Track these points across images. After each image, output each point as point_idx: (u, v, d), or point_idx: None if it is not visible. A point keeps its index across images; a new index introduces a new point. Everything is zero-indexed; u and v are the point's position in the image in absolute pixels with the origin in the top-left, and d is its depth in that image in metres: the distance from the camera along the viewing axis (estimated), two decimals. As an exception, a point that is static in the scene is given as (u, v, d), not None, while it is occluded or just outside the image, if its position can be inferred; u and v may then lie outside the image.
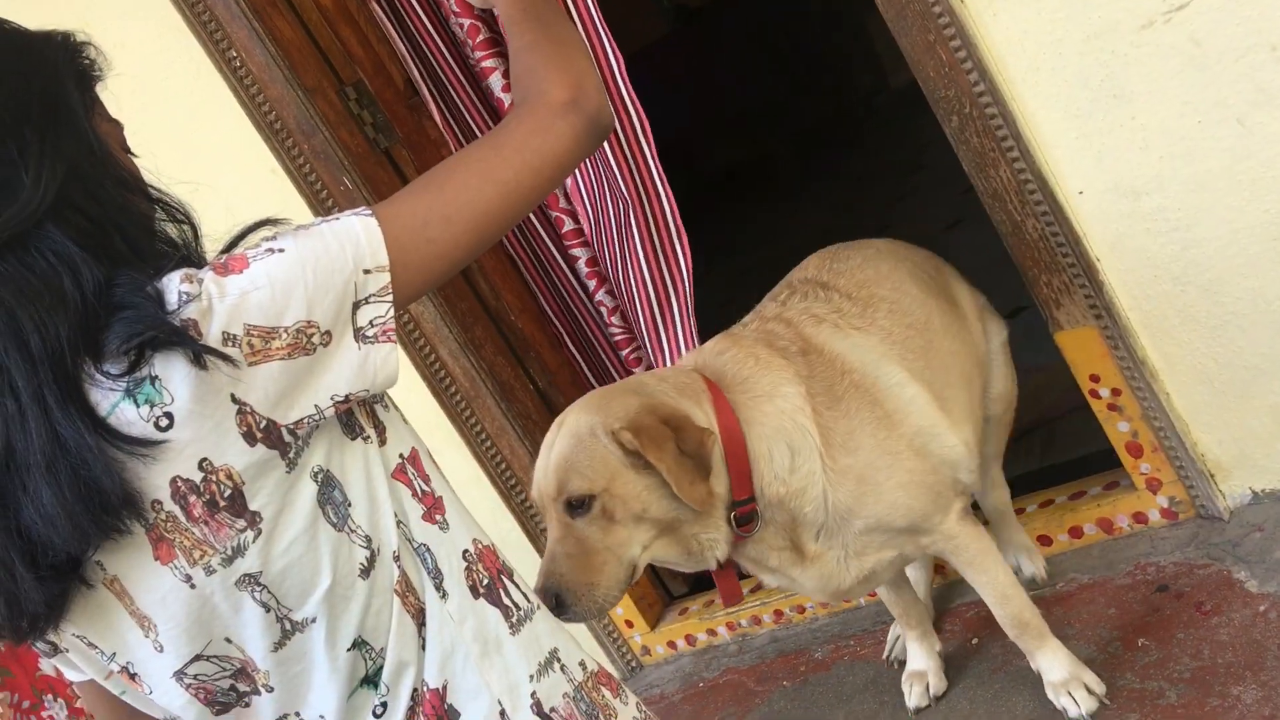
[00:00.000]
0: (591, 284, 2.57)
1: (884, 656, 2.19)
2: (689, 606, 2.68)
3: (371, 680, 1.15)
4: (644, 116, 2.21)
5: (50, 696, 2.44)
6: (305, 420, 1.08)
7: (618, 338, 2.62)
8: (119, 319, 1.04)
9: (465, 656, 1.15)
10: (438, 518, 1.18)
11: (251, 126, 2.34)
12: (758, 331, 1.82)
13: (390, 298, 1.09)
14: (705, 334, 2.35)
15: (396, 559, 1.14)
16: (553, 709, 1.16)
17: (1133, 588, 1.99)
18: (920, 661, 2.04)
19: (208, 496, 1.06)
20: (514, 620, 1.18)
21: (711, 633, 2.60)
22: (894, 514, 1.70)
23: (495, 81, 2.39)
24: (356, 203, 2.36)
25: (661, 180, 2.27)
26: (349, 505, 1.12)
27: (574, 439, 1.59)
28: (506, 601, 1.18)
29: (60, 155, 1.09)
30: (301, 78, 2.32)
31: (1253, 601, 1.81)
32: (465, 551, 1.18)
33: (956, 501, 1.77)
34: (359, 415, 1.14)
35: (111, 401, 1.02)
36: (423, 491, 1.18)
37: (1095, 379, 1.98)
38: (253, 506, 1.08)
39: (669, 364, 2.43)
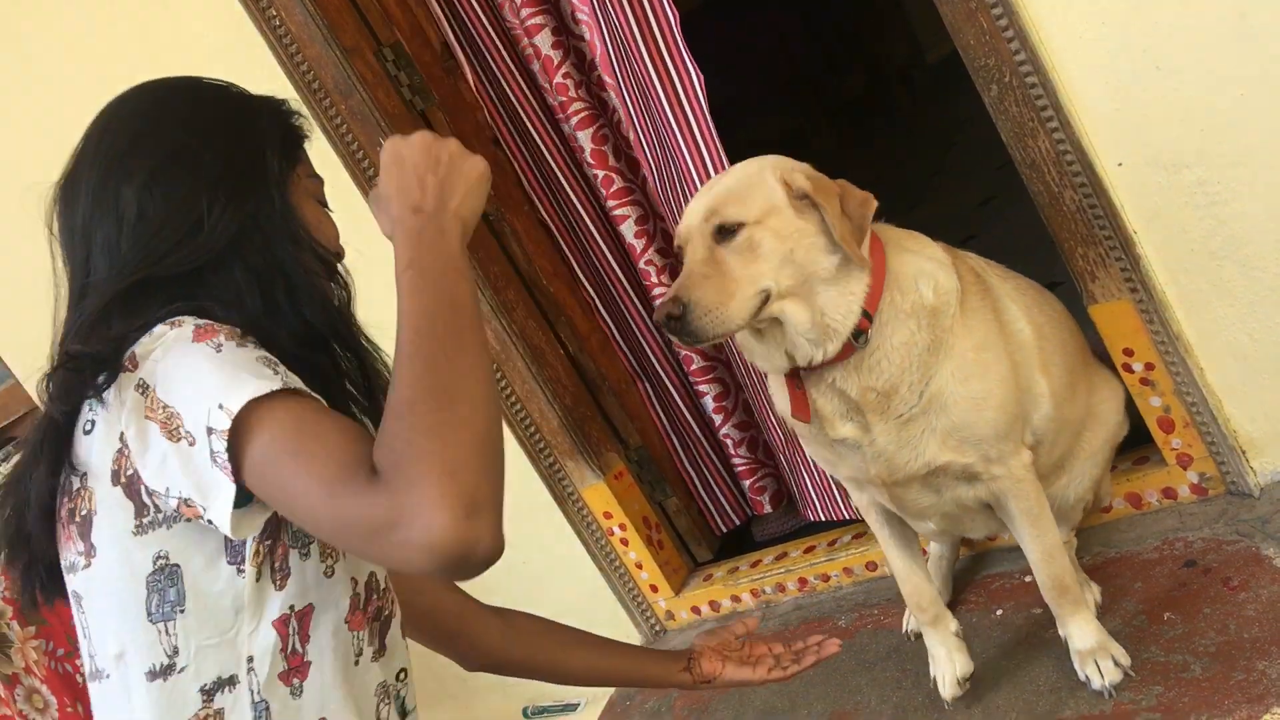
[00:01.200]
0: (640, 243, 2.58)
1: (904, 630, 2.21)
2: (713, 573, 2.69)
3: None
4: (699, 74, 2.22)
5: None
6: (159, 495, 1.09)
7: (660, 301, 2.63)
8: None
9: None
10: (294, 681, 1.16)
11: (290, 86, 2.36)
12: (924, 242, 1.86)
13: (225, 448, 1.04)
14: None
15: (205, 694, 1.12)
16: None
17: (1160, 562, 1.99)
18: (940, 647, 1.98)
19: (74, 506, 1.14)
20: None
21: (735, 599, 2.62)
22: (984, 404, 1.72)
23: (543, 40, 2.39)
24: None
25: (715, 135, 2.26)
26: (179, 609, 1.11)
27: (740, 177, 1.65)
28: None
29: (243, 210, 1.21)
30: (340, 38, 2.32)
31: (1280, 578, 1.81)
32: None
33: (1025, 450, 1.79)
34: (251, 550, 1.13)
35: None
36: (293, 650, 1.15)
37: (1129, 353, 1.97)
38: (92, 539, 1.13)
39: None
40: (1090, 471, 1.97)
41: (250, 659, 1.14)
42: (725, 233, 1.61)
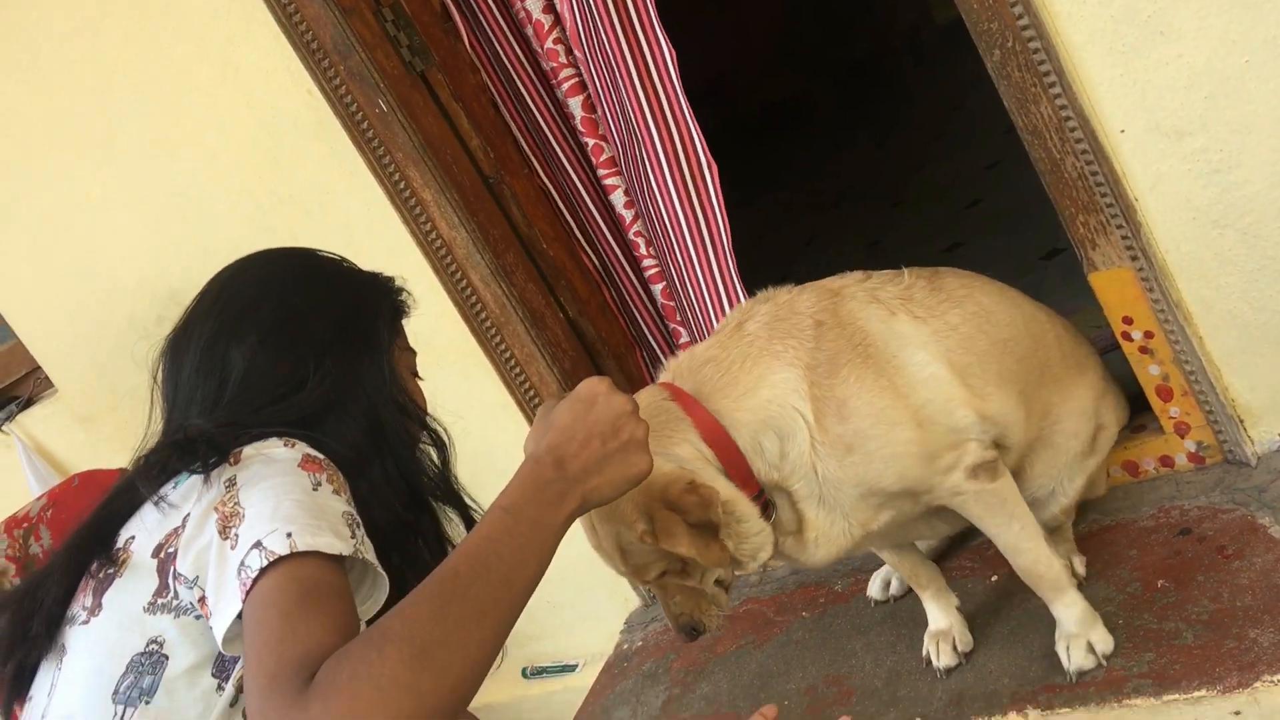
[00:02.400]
0: (629, 214, 2.57)
1: (867, 593, 2.25)
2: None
3: None
4: (670, 49, 2.20)
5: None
6: (184, 580, 1.12)
7: (650, 272, 2.63)
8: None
9: None
10: None
11: (289, 46, 2.34)
12: (776, 309, 1.78)
13: (262, 567, 1.04)
14: (743, 270, 2.36)
15: None
16: None
17: (1155, 530, 1.99)
18: (942, 621, 2.01)
19: (109, 563, 1.17)
20: None
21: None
22: (884, 480, 1.71)
23: (534, 4, 2.38)
24: (391, 126, 2.37)
25: (688, 112, 2.25)
26: (146, 699, 1.09)
27: (620, 550, 1.66)
28: None
29: (351, 373, 1.31)
30: (338, -3, 2.31)
31: (1275, 547, 1.81)
32: None
33: (966, 458, 1.73)
34: (239, 672, 1.13)
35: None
36: None
37: (1128, 321, 1.97)
38: (104, 598, 1.15)
39: (705, 301, 2.44)
40: (1072, 479, 1.94)
41: None
42: (660, 576, 1.69)
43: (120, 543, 1.18)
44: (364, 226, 2.54)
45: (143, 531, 1.17)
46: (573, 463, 1.13)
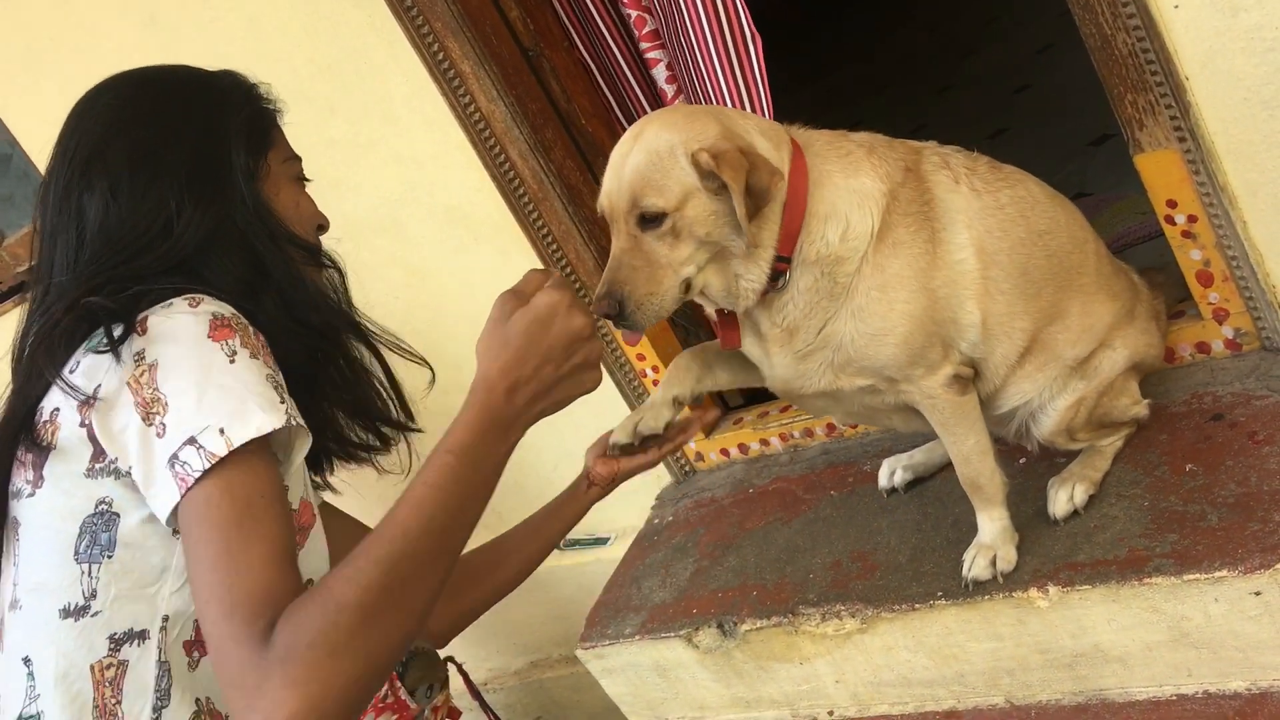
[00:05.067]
0: (671, 89, 2.53)
1: (880, 485, 2.28)
2: (743, 417, 2.73)
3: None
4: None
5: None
6: (109, 453, 1.12)
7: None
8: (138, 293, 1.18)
9: None
10: (194, 654, 1.18)
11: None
12: (872, 139, 1.83)
13: (204, 470, 1.06)
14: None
15: (113, 642, 1.13)
16: None
17: (1187, 415, 1.99)
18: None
19: (36, 435, 1.15)
20: None
21: (764, 443, 2.67)
22: (881, 334, 1.73)
23: None
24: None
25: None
26: (106, 554, 1.12)
27: (652, 155, 1.63)
28: None
29: (216, 208, 1.24)
30: None
31: (1307, 433, 1.81)
32: (198, 699, 1.17)
33: (946, 366, 1.79)
34: None
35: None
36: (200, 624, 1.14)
37: (1172, 204, 1.94)
38: (44, 470, 1.14)
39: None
40: (1055, 396, 1.88)
41: (165, 618, 1.15)
42: (648, 221, 1.62)
43: (46, 415, 1.16)
44: (402, 98, 2.53)
45: (66, 405, 1.15)
46: (524, 389, 1.14)
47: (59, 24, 2.83)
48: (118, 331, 1.13)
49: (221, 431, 1.06)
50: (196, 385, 1.09)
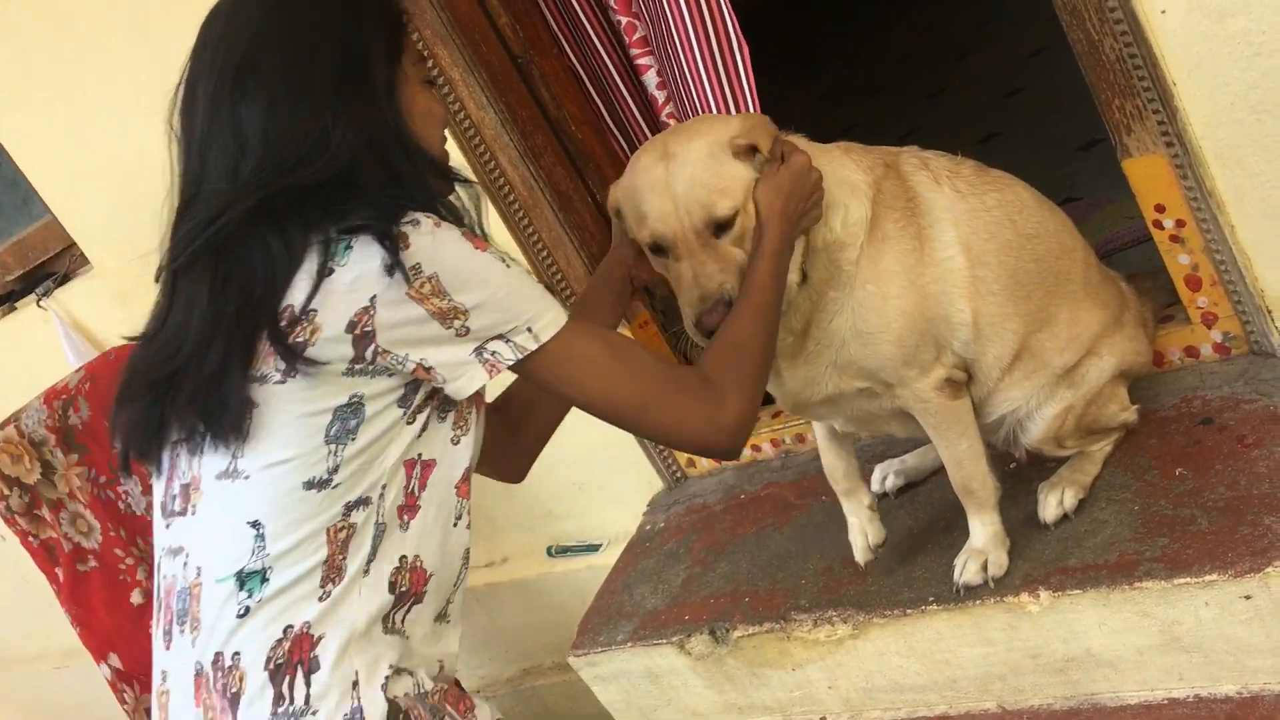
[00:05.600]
0: (661, 95, 2.53)
1: (873, 488, 2.26)
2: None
3: (247, 578, 1.27)
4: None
5: (125, 473, 2.58)
6: (391, 357, 1.27)
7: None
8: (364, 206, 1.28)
9: (352, 627, 1.28)
10: (404, 517, 1.33)
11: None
12: (847, 145, 1.86)
13: (516, 359, 1.31)
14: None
15: (346, 508, 1.28)
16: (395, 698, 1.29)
17: (1176, 419, 1.99)
18: (854, 516, 2.06)
19: (293, 333, 1.25)
20: (401, 631, 1.33)
21: (756, 448, 2.67)
22: (876, 333, 1.74)
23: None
24: (418, 2, 2.34)
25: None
26: (350, 438, 1.27)
27: (700, 164, 1.62)
28: (418, 598, 1.34)
29: (360, 125, 1.32)
30: None
31: (1296, 437, 1.81)
32: (403, 557, 1.33)
33: (939, 368, 1.80)
34: (418, 401, 1.32)
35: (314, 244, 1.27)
36: (411, 490, 1.33)
37: (1160, 209, 1.94)
38: (299, 364, 1.25)
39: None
40: (1043, 404, 1.89)
41: (384, 486, 1.30)
42: (722, 228, 1.62)
43: (298, 312, 1.25)
44: (392, 106, 2.52)
45: (324, 306, 1.24)
46: (797, 220, 1.64)
47: (49, 34, 2.83)
48: (387, 244, 1.25)
49: (529, 330, 1.30)
50: (492, 292, 1.28)
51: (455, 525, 1.38)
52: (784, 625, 2.11)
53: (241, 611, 1.26)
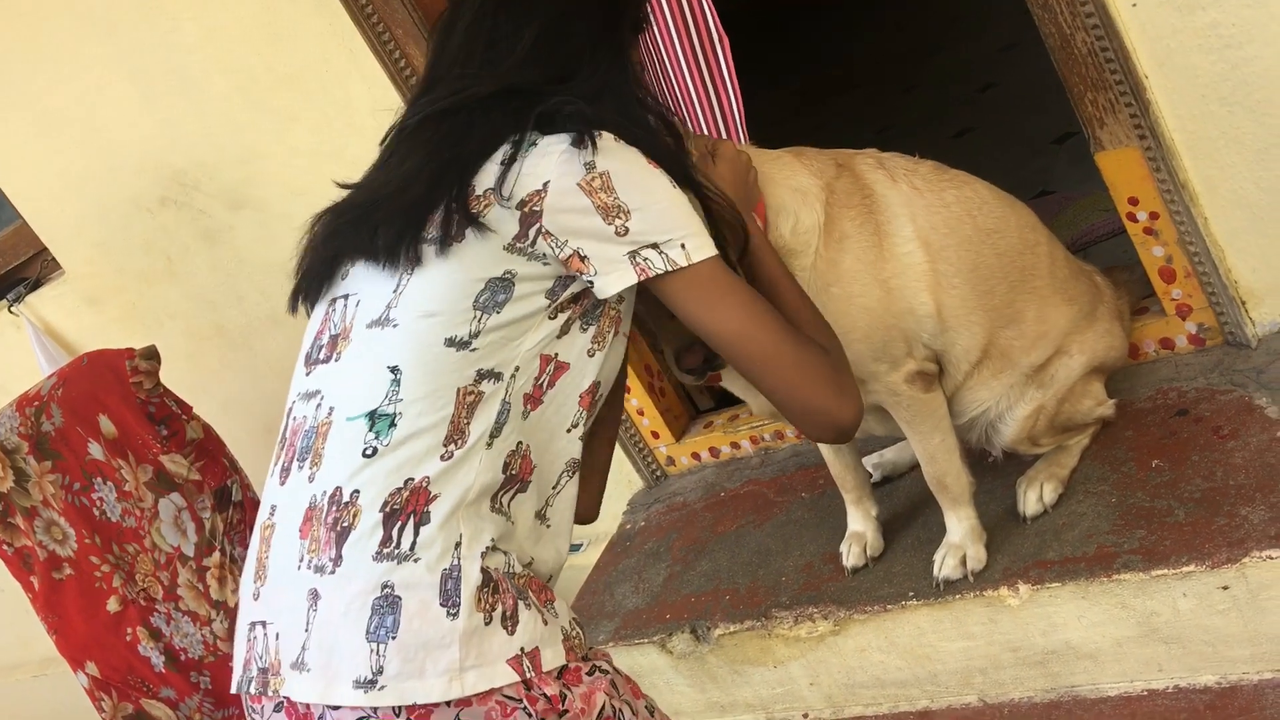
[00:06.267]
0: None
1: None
2: (714, 420, 2.73)
3: (377, 419, 1.32)
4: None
5: (100, 479, 2.56)
6: (552, 240, 1.34)
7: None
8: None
9: (467, 491, 1.31)
10: (527, 406, 1.37)
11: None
12: (799, 149, 1.87)
13: (666, 269, 1.34)
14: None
15: (479, 375, 1.34)
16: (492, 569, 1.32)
17: (1153, 411, 2.00)
18: (858, 525, 2.10)
19: (470, 201, 1.35)
20: (501, 510, 1.36)
21: (735, 445, 2.67)
22: (848, 339, 1.71)
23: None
24: (390, 2, 2.33)
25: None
26: (496, 310, 1.34)
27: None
28: (510, 494, 1.36)
29: (608, 68, 1.45)
30: None
31: (1270, 427, 1.82)
32: (520, 443, 1.37)
33: (909, 361, 1.81)
34: (564, 298, 1.37)
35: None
36: (540, 384, 1.38)
37: (1134, 202, 1.95)
38: (468, 230, 1.33)
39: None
40: (1014, 405, 1.91)
41: (516, 369, 1.35)
42: None
43: (479, 192, 1.35)
44: (365, 107, 2.51)
45: (501, 186, 1.34)
46: (751, 206, 1.66)
47: (17, 38, 2.80)
48: (577, 133, 1.35)
49: (683, 246, 1.35)
50: (656, 201, 1.36)
51: (569, 432, 1.43)
52: (765, 622, 2.11)
53: (369, 451, 1.31)
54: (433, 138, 1.43)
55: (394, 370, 1.33)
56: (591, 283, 1.36)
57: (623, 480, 2.81)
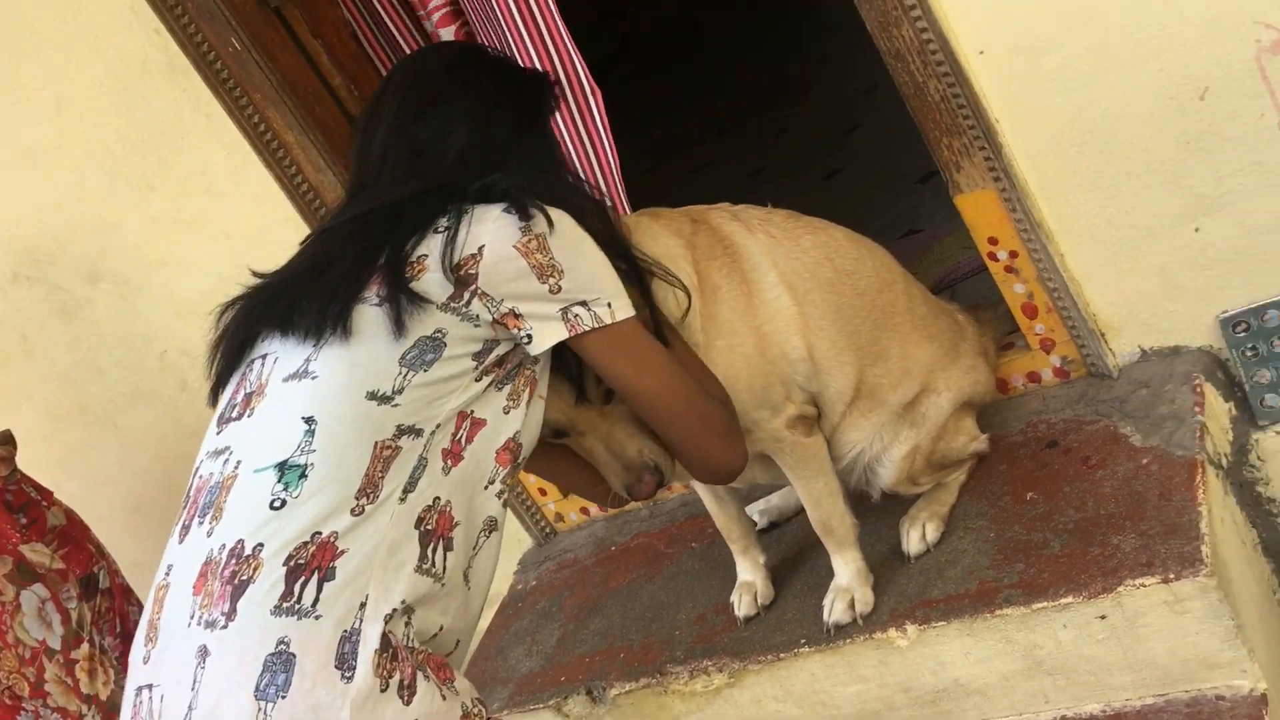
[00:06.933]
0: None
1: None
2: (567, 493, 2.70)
3: (287, 470, 1.32)
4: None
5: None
6: (488, 300, 1.39)
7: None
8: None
9: (375, 550, 1.31)
10: (446, 461, 1.39)
11: (132, -20, 2.23)
12: (653, 210, 1.89)
13: (593, 326, 1.44)
14: (633, 200, 2.33)
15: (398, 430, 1.35)
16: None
17: (1024, 444, 2.04)
18: (747, 574, 2.10)
19: (405, 269, 1.39)
20: (423, 567, 1.35)
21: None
22: (733, 389, 1.74)
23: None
24: (246, 66, 2.28)
25: (568, 39, 2.20)
26: (424, 368, 1.37)
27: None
28: (428, 553, 1.36)
29: (533, 154, 1.59)
30: (182, -68, 2.19)
31: (1136, 455, 1.87)
32: (436, 498, 1.37)
33: (789, 406, 1.82)
34: (492, 359, 1.43)
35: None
36: (457, 440, 1.41)
37: (993, 241, 2.00)
38: (401, 294, 1.38)
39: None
40: (889, 446, 1.93)
41: (437, 425, 1.38)
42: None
43: (413, 259, 1.40)
44: (225, 172, 2.44)
45: (433, 253, 1.39)
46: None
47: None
48: (511, 209, 1.42)
49: (609, 305, 1.45)
50: (586, 263, 1.45)
51: (487, 488, 1.45)
52: (660, 679, 2.08)
53: (276, 503, 1.29)
54: (359, 225, 1.48)
55: (309, 421, 1.33)
56: (527, 338, 1.43)
57: (511, 540, 2.76)
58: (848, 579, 1.93)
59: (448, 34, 2.40)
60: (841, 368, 1.85)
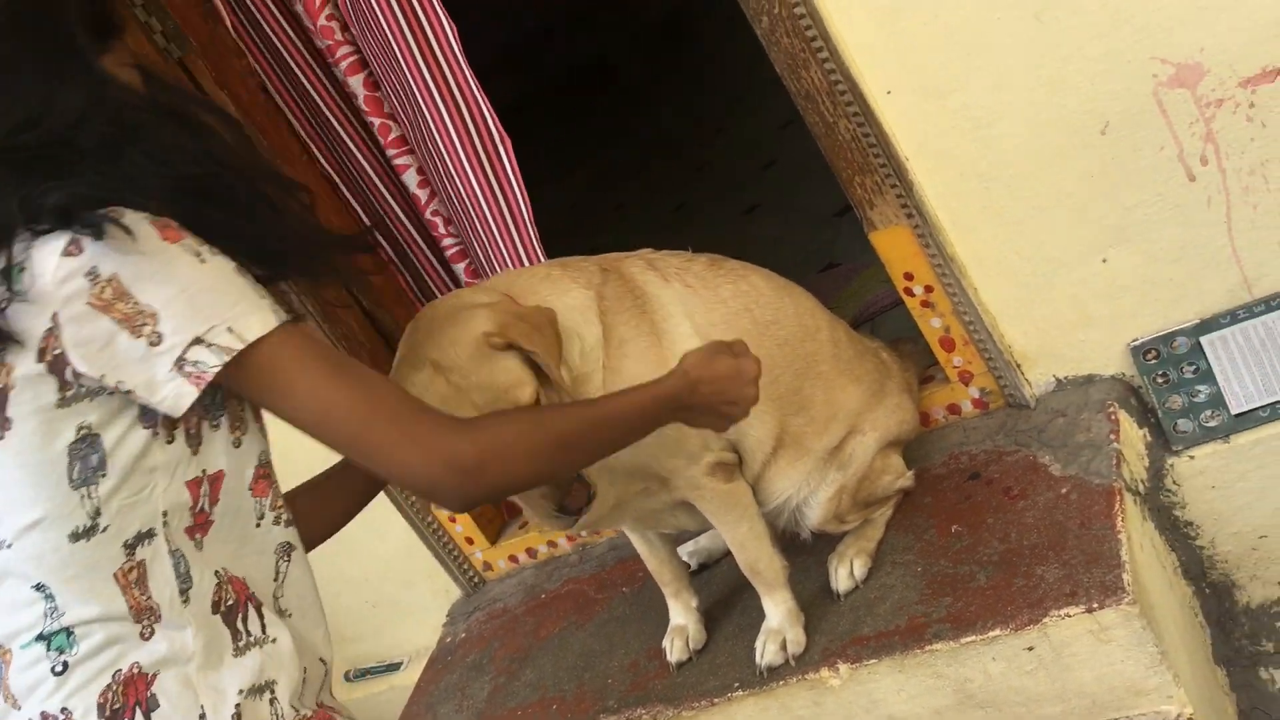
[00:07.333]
0: (424, 194, 2.49)
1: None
2: (528, 521, 2.67)
3: (55, 635, 1.18)
4: (450, 22, 2.14)
5: None
6: (90, 380, 1.14)
7: (451, 251, 2.56)
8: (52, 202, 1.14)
9: (187, 659, 1.21)
10: (197, 536, 1.24)
11: (26, 38, 2.17)
12: (564, 260, 1.86)
13: (222, 364, 1.14)
14: (554, 240, 2.32)
15: (129, 547, 1.19)
16: None
17: (947, 476, 2.06)
18: (680, 618, 2.08)
19: None
20: (240, 645, 1.24)
21: (552, 544, 2.61)
22: (641, 442, 1.67)
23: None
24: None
25: (476, 88, 2.20)
26: (100, 474, 1.17)
27: (477, 371, 1.57)
28: (240, 627, 1.25)
29: (77, 89, 1.19)
30: (79, -16, 2.14)
31: (1055, 484, 1.90)
32: (216, 572, 1.25)
33: (706, 454, 1.80)
34: (170, 421, 1.20)
35: None
36: (200, 509, 1.23)
37: (909, 277, 2.02)
38: (8, 412, 1.15)
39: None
40: (816, 490, 1.92)
41: (165, 513, 1.20)
42: None
43: None
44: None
45: (9, 350, 1.15)
46: (701, 395, 1.54)
47: None
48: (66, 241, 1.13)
49: (230, 329, 1.14)
50: (183, 290, 1.14)
51: (259, 525, 1.28)
52: (594, 730, 2.05)
53: (59, 669, 1.18)
54: None
55: (40, 588, 1.18)
56: (147, 404, 1.18)
57: (439, 590, 2.72)
58: (779, 620, 1.92)
59: (355, 82, 2.38)
60: (760, 417, 1.83)
